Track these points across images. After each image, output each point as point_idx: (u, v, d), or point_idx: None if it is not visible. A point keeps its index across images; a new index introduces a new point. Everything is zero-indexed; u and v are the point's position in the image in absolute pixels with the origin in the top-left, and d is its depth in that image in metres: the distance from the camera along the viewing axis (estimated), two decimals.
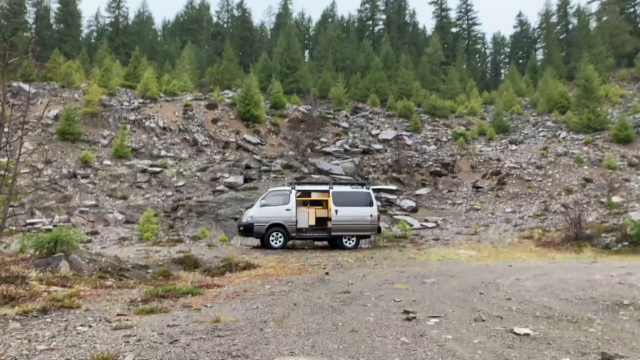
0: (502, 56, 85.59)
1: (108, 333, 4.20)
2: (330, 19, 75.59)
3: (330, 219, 17.37)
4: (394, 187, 27.54)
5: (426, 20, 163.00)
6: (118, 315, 4.99)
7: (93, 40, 68.07)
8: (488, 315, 4.94)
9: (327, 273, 8.88)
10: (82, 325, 4.44)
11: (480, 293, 6.33)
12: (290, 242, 17.71)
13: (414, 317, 4.76)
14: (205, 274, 11.34)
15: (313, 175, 29.57)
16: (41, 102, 38.25)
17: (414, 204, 28.10)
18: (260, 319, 4.76)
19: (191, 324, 4.52)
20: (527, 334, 4.18)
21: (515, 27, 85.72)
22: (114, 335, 4.16)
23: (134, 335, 4.13)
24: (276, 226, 16.70)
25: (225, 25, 75.12)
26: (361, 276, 8.62)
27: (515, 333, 4.22)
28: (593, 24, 70.38)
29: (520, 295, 6.11)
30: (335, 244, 17.52)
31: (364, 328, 4.37)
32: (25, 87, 39.79)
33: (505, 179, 32.12)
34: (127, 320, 4.69)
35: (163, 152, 33.49)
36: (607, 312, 4.89)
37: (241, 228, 17.18)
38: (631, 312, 4.92)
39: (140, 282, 8.83)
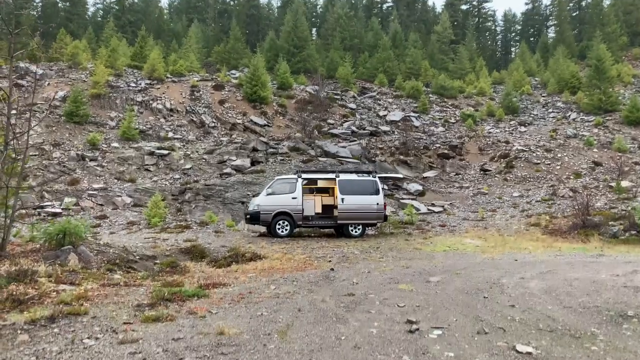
0: (513, 34, 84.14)
1: (114, 348, 4.27)
2: None
3: (336, 207, 17.42)
4: (400, 176, 27.45)
5: None
6: (124, 323, 5.06)
7: (99, 19, 67.58)
8: (491, 327, 4.95)
9: (332, 269, 8.94)
10: (89, 338, 4.52)
11: (485, 297, 6.35)
12: (296, 230, 17.80)
13: (417, 329, 4.79)
14: (212, 264, 11.46)
15: (320, 158, 29.54)
16: (48, 83, 38.33)
17: (420, 188, 28.04)
18: (264, 330, 4.82)
19: (196, 336, 4.59)
20: (529, 353, 4.19)
21: (526, 4, 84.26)
22: (119, 352, 4.22)
23: (139, 353, 4.20)
24: (282, 214, 16.77)
25: (232, 3, 74.20)
26: (366, 272, 8.67)
27: (517, 351, 4.23)
28: (607, 1, 68.81)
29: (524, 301, 6.11)
30: (341, 232, 17.60)
31: (366, 344, 4.41)
32: (32, 67, 39.82)
33: (513, 162, 31.90)
34: (133, 330, 4.77)
35: (170, 134, 33.54)
36: (611, 326, 4.88)
37: (248, 216, 17.28)
38: (635, 325, 4.91)
39: (147, 276, 8.93)
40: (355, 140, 34.50)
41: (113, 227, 19.90)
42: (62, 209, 23.27)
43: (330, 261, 10.61)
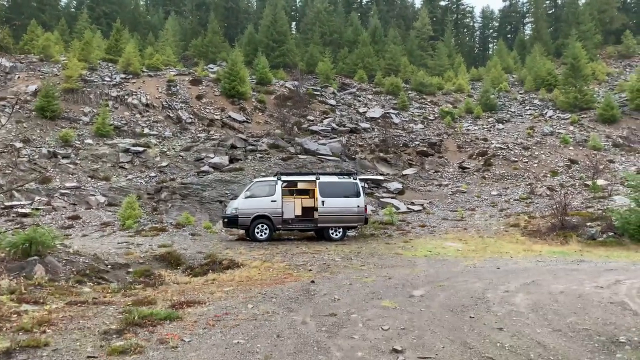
0: (491, 31, 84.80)
1: None
2: None
3: (316, 209, 17.12)
4: (381, 177, 27.33)
5: None
6: (88, 358, 4.69)
7: (73, 10, 65.70)
8: (480, 357, 4.74)
9: (312, 281, 8.67)
10: None
11: (471, 317, 6.14)
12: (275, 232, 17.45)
13: None
14: (188, 272, 11.07)
15: (300, 156, 29.19)
16: (18, 77, 37.06)
17: (400, 186, 27.96)
18: None
19: None
20: None
21: (504, 1, 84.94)
22: None
23: None
24: (261, 218, 16.39)
25: None
26: (347, 284, 8.40)
27: None
28: (582, 0, 69.73)
29: (512, 323, 5.92)
30: (321, 234, 17.32)
31: None
32: (2, 60, 38.48)
33: (491, 160, 32.10)
34: None
35: (146, 130, 32.80)
36: (604, 354, 4.72)
37: (225, 220, 16.84)
38: (628, 354, 4.76)
39: (119, 289, 8.52)
40: (335, 137, 34.25)
41: (86, 229, 19.27)
42: (33, 209, 22.50)
43: (310, 270, 10.32)
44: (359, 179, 18.41)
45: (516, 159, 31.96)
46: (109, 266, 10.43)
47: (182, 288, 8.49)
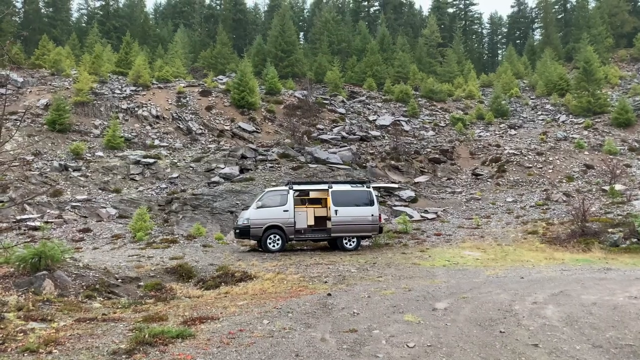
0: (499, 37, 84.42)
1: None
2: (324, 0, 73.99)
3: (329, 219, 16.78)
4: (395, 185, 26.87)
5: (422, 0, 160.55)
6: None
7: (83, 24, 66.45)
8: None
9: (329, 294, 8.32)
10: None
11: (501, 332, 5.77)
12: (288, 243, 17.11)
13: None
14: (200, 285, 10.79)
15: (310, 165, 28.92)
16: (30, 91, 37.32)
17: (413, 194, 27.54)
18: None
19: None
20: None
21: (512, 6, 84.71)
22: None
23: None
24: (274, 228, 16.08)
25: (218, 8, 73.42)
26: (366, 297, 8.04)
27: None
28: (592, 4, 69.22)
29: (547, 338, 5.55)
30: (335, 244, 16.96)
31: None
32: (14, 75, 38.79)
33: (505, 166, 31.58)
34: None
35: (157, 142, 32.77)
36: None
37: (237, 231, 16.52)
38: None
39: (129, 304, 8.25)
40: (345, 146, 33.97)
41: (97, 241, 19.11)
42: (45, 222, 22.41)
43: (326, 282, 9.98)
44: (372, 187, 18.05)
45: (530, 165, 31.42)
46: (120, 280, 10.17)
47: (194, 302, 8.19)
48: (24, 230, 21.29)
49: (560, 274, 10.53)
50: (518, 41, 76.72)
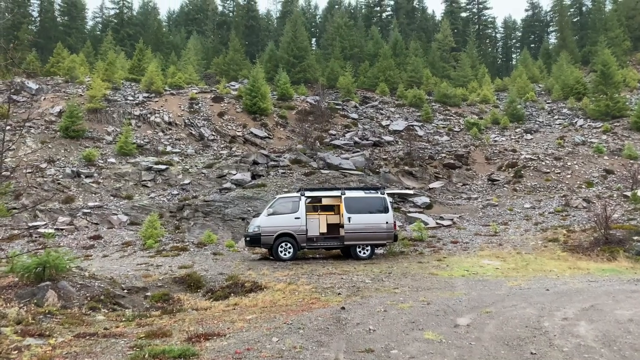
0: (514, 41, 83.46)
1: None
2: (337, 6, 73.83)
3: (342, 226, 16.32)
4: (410, 192, 26.30)
5: (435, 5, 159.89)
6: None
7: (98, 32, 67.06)
8: None
9: (343, 308, 7.88)
10: None
11: (532, 353, 5.30)
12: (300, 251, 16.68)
13: None
14: (209, 296, 10.43)
15: (323, 171, 28.53)
16: (44, 98, 37.52)
17: (428, 200, 27.00)
18: None
19: None
20: None
21: (526, 10, 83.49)
22: None
23: None
24: (285, 236, 15.67)
25: (230, 15, 73.65)
26: (382, 311, 7.57)
27: None
28: (608, 6, 68.11)
29: None
30: (348, 253, 16.49)
31: None
32: (29, 83, 39.09)
33: (522, 171, 30.89)
34: None
35: (169, 148, 32.67)
36: None
37: (248, 239, 16.13)
38: None
39: (134, 317, 7.91)
40: (358, 151, 33.54)
41: (107, 249, 18.90)
42: (56, 229, 22.34)
43: (339, 294, 9.54)
44: (387, 193, 17.56)
45: (548, 170, 30.69)
46: (126, 290, 9.85)
47: (200, 315, 7.81)
48: (36, 237, 21.21)
49: (588, 285, 9.97)
50: (532, 45, 75.73)
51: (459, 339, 5.97)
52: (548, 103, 48.16)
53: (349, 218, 15.96)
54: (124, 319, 7.69)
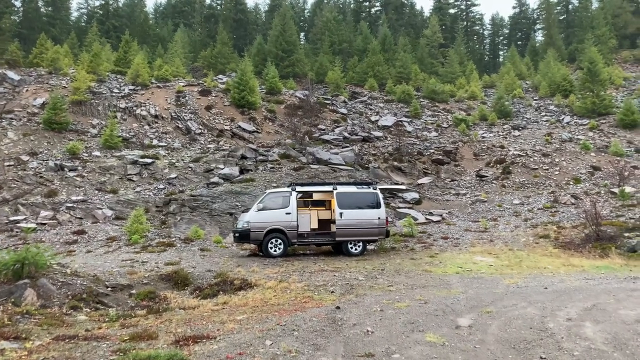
0: (501, 38, 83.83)
1: None
2: (325, 1, 73.37)
3: (334, 222, 16.03)
4: (403, 187, 26.12)
5: (424, 1, 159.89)
6: None
7: (83, 24, 65.80)
8: None
9: (337, 307, 7.59)
10: None
11: (542, 358, 5.05)
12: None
13: None
14: (196, 293, 10.07)
15: (312, 166, 28.22)
16: (27, 90, 36.60)
17: (417, 196, 26.85)
18: None
19: None
20: None
21: (514, 7, 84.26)
22: None
23: None
24: (275, 232, 15.32)
25: (218, 8, 72.76)
26: (379, 310, 7.30)
27: None
28: (595, 4, 68.67)
29: None
30: (339, 249, 16.20)
31: None
32: (10, 74, 38.12)
33: (510, 168, 30.91)
34: None
35: (155, 142, 32.07)
36: None
37: (236, 234, 15.72)
38: None
39: (118, 317, 7.54)
40: (347, 146, 33.28)
41: (91, 244, 18.39)
42: (39, 223, 21.73)
43: (332, 292, 9.25)
44: (379, 189, 17.29)
45: (536, 167, 30.74)
46: (110, 288, 9.45)
47: (188, 315, 7.45)
48: (17, 232, 20.57)
49: (585, 283, 9.82)
50: (519, 42, 76.14)
51: (462, 341, 5.71)
52: (535, 100, 48.38)
53: (341, 213, 15.67)
54: (107, 319, 7.31)
